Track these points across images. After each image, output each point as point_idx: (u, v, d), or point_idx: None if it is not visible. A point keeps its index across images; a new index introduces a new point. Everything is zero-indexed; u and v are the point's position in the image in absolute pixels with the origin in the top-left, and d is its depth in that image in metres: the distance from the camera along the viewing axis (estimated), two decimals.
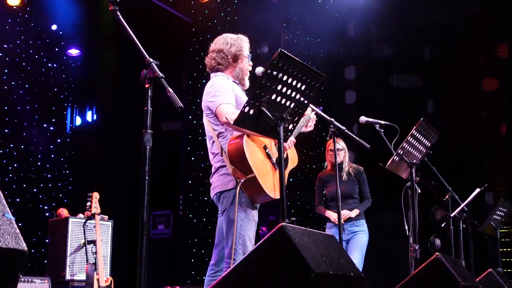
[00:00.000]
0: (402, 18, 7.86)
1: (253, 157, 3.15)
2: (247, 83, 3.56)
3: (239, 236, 3.20)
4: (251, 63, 3.54)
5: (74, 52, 8.70)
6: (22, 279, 5.30)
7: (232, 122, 3.03)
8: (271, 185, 3.20)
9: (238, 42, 3.48)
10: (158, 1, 8.15)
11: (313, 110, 3.97)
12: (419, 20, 7.89)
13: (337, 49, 8.39)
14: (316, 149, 8.00)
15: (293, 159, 3.60)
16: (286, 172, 3.55)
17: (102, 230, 5.86)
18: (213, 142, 3.39)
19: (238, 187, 3.18)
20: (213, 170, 3.43)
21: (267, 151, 3.29)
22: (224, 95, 3.27)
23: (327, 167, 5.72)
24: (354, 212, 5.39)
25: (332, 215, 5.43)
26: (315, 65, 3.28)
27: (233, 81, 3.47)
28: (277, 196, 3.24)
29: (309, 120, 3.74)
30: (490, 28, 7.56)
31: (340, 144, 5.42)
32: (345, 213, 5.32)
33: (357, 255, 5.24)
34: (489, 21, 7.52)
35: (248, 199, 3.24)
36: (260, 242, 2.31)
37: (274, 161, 3.30)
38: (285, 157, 3.51)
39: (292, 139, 3.48)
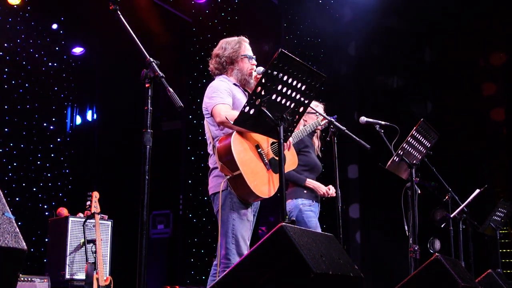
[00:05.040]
0: (403, 17, 7.86)
1: (241, 155, 3.17)
2: (252, 84, 3.53)
3: (232, 236, 3.23)
4: (254, 62, 3.53)
5: (78, 50, 8.70)
6: (22, 278, 5.30)
7: (228, 122, 3.10)
8: (258, 184, 3.20)
9: (232, 45, 3.51)
10: (159, 0, 8.15)
11: (324, 118, 3.97)
12: (420, 20, 7.88)
13: (338, 49, 8.38)
14: None
15: (292, 161, 3.59)
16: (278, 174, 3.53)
17: (102, 230, 5.86)
18: (210, 142, 3.44)
19: (223, 183, 3.21)
20: (209, 171, 3.47)
21: (259, 150, 3.29)
22: (220, 95, 3.31)
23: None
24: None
25: (318, 185, 4.33)
26: (315, 65, 3.28)
27: (234, 84, 3.48)
28: (266, 195, 3.26)
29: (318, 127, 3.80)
30: (490, 30, 7.56)
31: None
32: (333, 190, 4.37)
33: None
34: (489, 24, 7.52)
35: (238, 199, 3.26)
36: (259, 242, 2.31)
37: (267, 161, 3.30)
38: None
39: (289, 140, 3.48)
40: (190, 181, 8.80)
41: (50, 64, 8.33)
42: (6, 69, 7.70)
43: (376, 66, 8.21)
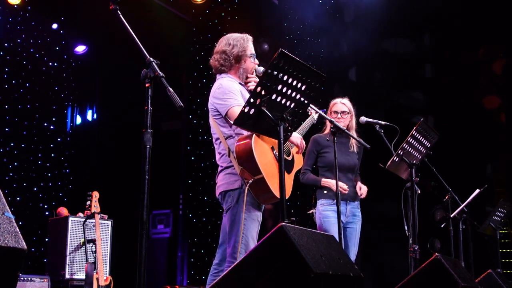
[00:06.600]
0: (402, 11, 7.84)
1: (262, 158, 3.14)
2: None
3: (242, 235, 3.18)
4: (257, 61, 3.50)
5: (80, 49, 8.69)
6: (22, 278, 5.31)
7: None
8: (277, 187, 3.20)
9: (241, 43, 3.44)
10: (159, 0, 8.15)
11: (316, 112, 3.99)
12: (420, 10, 7.86)
13: (338, 49, 8.39)
14: None
15: (299, 160, 3.62)
16: (292, 175, 3.55)
17: (102, 229, 5.87)
18: (220, 142, 3.37)
19: (247, 188, 3.16)
20: (218, 170, 3.40)
21: (274, 152, 3.28)
22: (234, 97, 3.25)
23: (324, 130, 4.69)
24: (364, 190, 4.54)
25: (332, 183, 4.34)
26: (315, 65, 3.28)
27: (239, 83, 3.45)
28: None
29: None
30: (490, 29, 7.55)
31: (347, 105, 4.62)
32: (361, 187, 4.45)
33: (356, 243, 4.49)
34: (489, 23, 7.51)
35: (254, 199, 3.23)
36: (259, 242, 2.31)
37: None
38: (290, 159, 3.51)
39: (303, 142, 3.48)
40: (190, 181, 8.80)
41: (50, 63, 8.34)
42: (6, 69, 7.71)
43: (376, 65, 8.20)
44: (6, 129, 7.65)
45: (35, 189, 7.91)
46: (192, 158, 8.81)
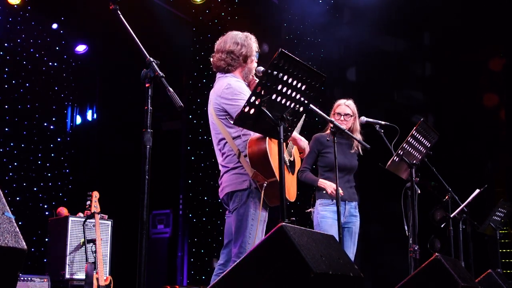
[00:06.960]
0: (402, 10, 7.84)
1: (274, 160, 3.12)
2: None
3: (249, 236, 3.16)
4: (256, 60, 3.49)
5: (81, 48, 8.69)
6: (22, 278, 5.31)
7: None
8: (289, 189, 3.20)
9: (248, 42, 3.40)
10: (159, 0, 8.15)
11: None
12: (420, 10, 7.86)
13: (338, 49, 8.38)
14: None
15: (299, 161, 3.64)
16: (295, 175, 3.56)
17: (102, 229, 5.87)
18: (226, 143, 3.31)
19: (263, 191, 3.12)
20: (223, 170, 3.35)
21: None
22: (245, 98, 3.15)
23: (326, 130, 4.69)
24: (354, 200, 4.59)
25: (328, 184, 4.40)
26: (315, 65, 3.27)
27: (244, 83, 3.43)
28: (292, 198, 3.26)
29: None
30: (490, 29, 7.55)
31: (350, 107, 4.63)
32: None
33: (355, 244, 4.53)
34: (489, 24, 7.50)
35: (260, 200, 3.19)
36: (259, 242, 2.31)
37: (288, 163, 3.30)
38: (293, 159, 3.51)
39: (306, 145, 3.47)
40: (190, 181, 8.80)
41: (50, 63, 8.34)
42: (6, 69, 7.71)
43: (376, 65, 8.19)
44: (6, 129, 7.65)
45: (35, 189, 7.91)
46: (192, 158, 8.81)
